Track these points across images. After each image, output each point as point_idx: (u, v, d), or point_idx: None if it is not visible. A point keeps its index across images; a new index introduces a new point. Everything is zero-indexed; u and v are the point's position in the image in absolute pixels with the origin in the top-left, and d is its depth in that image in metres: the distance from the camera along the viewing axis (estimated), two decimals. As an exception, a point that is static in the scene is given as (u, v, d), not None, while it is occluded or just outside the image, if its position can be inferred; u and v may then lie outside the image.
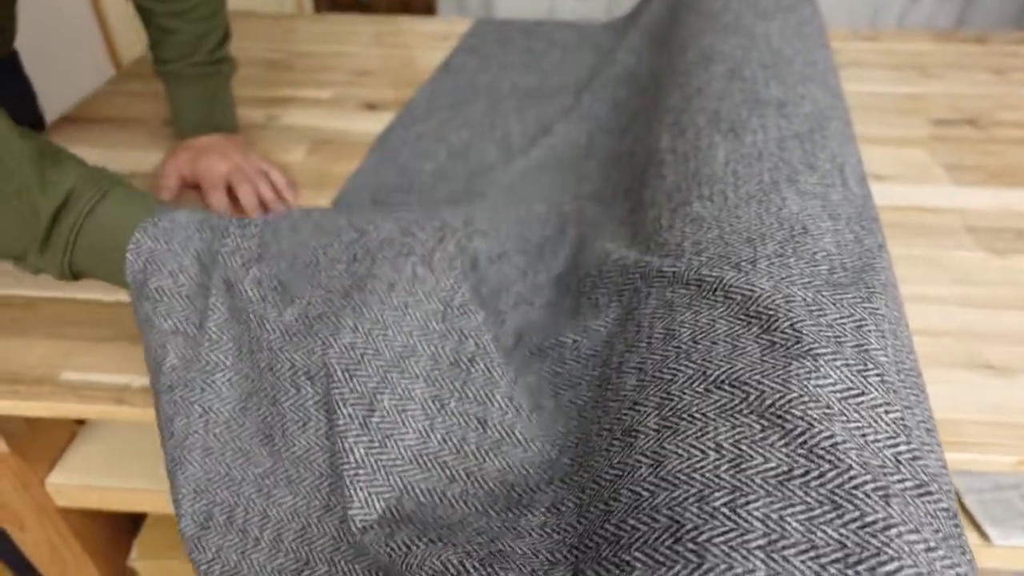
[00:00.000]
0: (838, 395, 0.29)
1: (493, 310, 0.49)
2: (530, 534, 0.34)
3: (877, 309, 0.34)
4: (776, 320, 0.33)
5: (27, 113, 0.79)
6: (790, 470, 0.27)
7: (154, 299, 0.45)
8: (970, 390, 0.51)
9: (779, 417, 0.28)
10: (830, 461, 0.27)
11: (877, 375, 0.30)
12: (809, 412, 0.28)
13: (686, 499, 0.27)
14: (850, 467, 0.26)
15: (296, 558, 0.38)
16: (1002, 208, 0.70)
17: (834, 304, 0.33)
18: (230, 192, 0.69)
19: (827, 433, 0.27)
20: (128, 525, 0.76)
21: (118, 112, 0.85)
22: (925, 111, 0.88)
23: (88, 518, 0.70)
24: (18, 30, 0.75)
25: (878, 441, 0.28)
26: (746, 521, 0.25)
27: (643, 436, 0.31)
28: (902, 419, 0.29)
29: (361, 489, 0.37)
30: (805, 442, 0.27)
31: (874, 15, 2.02)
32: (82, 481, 0.64)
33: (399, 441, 0.39)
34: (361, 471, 0.38)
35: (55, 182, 0.46)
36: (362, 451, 0.38)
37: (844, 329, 0.32)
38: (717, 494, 0.27)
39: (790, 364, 0.30)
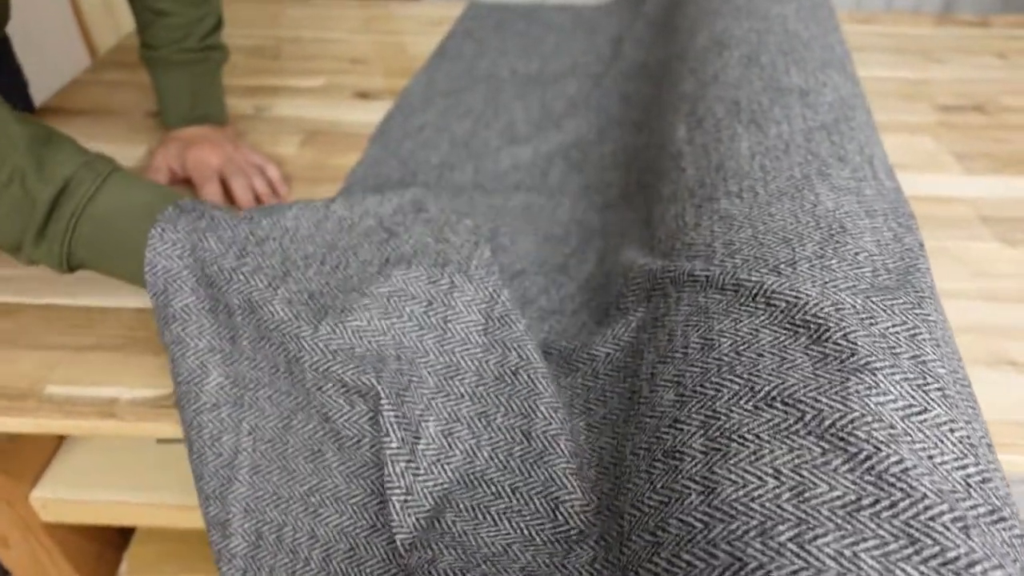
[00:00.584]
0: (900, 413, 0.27)
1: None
2: (580, 572, 0.32)
3: (928, 316, 0.32)
4: (827, 330, 0.30)
5: (19, 100, 0.75)
6: (858, 499, 0.25)
7: (182, 319, 0.45)
8: (994, 389, 0.49)
9: (841, 439, 0.26)
10: (902, 489, 0.25)
11: (938, 389, 0.28)
12: (874, 434, 0.26)
13: (747, 532, 0.25)
14: (924, 495, 0.24)
15: None
16: (1015, 197, 0.69)
17: (885, 311, 0.31)
18: (223, 185, 0.65)
19: (895, 457, 0.25)
20: (116, 539, 0.73)
21: (96, 103, 0.81)
22: (930, 97, 0.87)
23: (75, 533, 0.67)
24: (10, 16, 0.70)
25: (946, 463, 0.26)
26: (817, 559, 0.23)
27: (689, 459, 0.29)
28: (968, 437, 0.27)
29: (409, 514, 0.37)
30: (872, 467, 0.25)
31: (862, -1, 2.00)
32: (68, 495, 0.61)
33: (446, 465, 0.39)
34: (410, 498, 0.37)
35: (53, 168, 0.44)
36: (411, 478, 0.38)
37: (899, 339, 0.30)
38: (781, 527, 0.24)
39: (848, 379, 0.28)
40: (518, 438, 0.39)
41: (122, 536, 0.73)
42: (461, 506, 0.36)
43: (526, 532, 0.35)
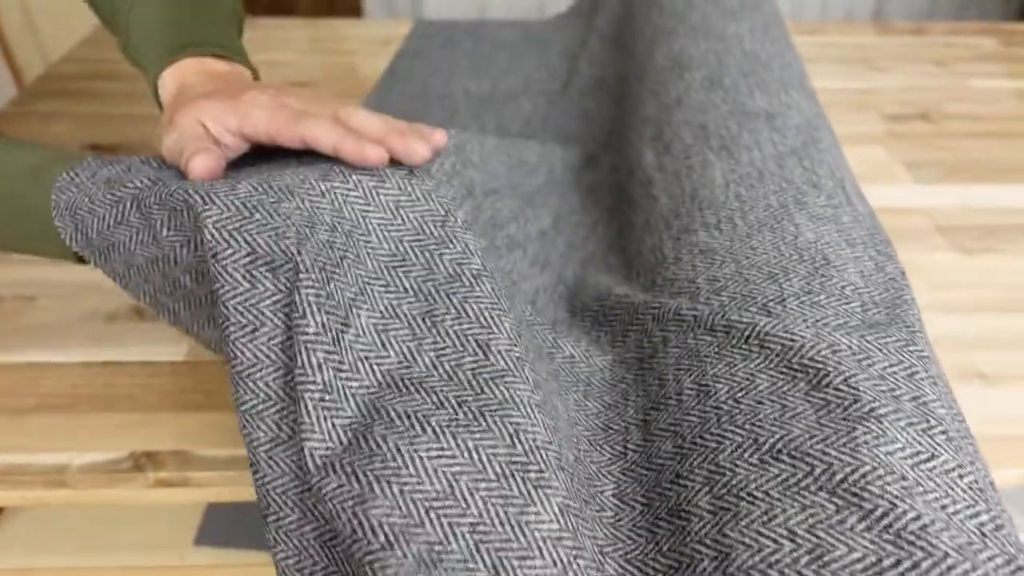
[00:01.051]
0: (910, 462, 0.26)
1: (492, 246, 0.43)
2: (541, 546, 0.27)
3: (922, 352, 0.32)
4: (826, 375, 0.30)
5: None
6: (879, 560, 0.24)
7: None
8: (966, 403, 0.50)
9: (855, 495, 0.25)
10: (922, 548, 0.24)
11: (942, 432, 0.28)
12: (888, 488, 0.25)
13: (768, 604, 0.24)
14: (946, 554, 0.24)
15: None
16: (965, 205, 0.70)
17: (881, 351, 0.31)
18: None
19: (913, 513, 0.25)
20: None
21: (28, 136, 0.76)
22: (877, 106, 0.89)
23: (23, 601, 0.62)
24: None
25: (958, 512, 0.26)
26: (844, 631, 0.22)
27: (696, 519, 0.28)
28: (976, 482, 0.27)
29: (326, 419, 0.30)
30: (890, 525, 0.25)
31: (797, 7, 2.06)
32: (15, 564, 0.56)
33: (376, 364, 0.32)
34: (327, 396, 0.30)
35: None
36: (331, 372, 0.31)
37: (897, 380, 0.30)
38: (804, 598, 0.23)
39: (854, 429, 0.27)
40: (471, 348, 0.32)
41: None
42: (392, 414, 0.30)
43: (476, 457, 0.29)
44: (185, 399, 0.49)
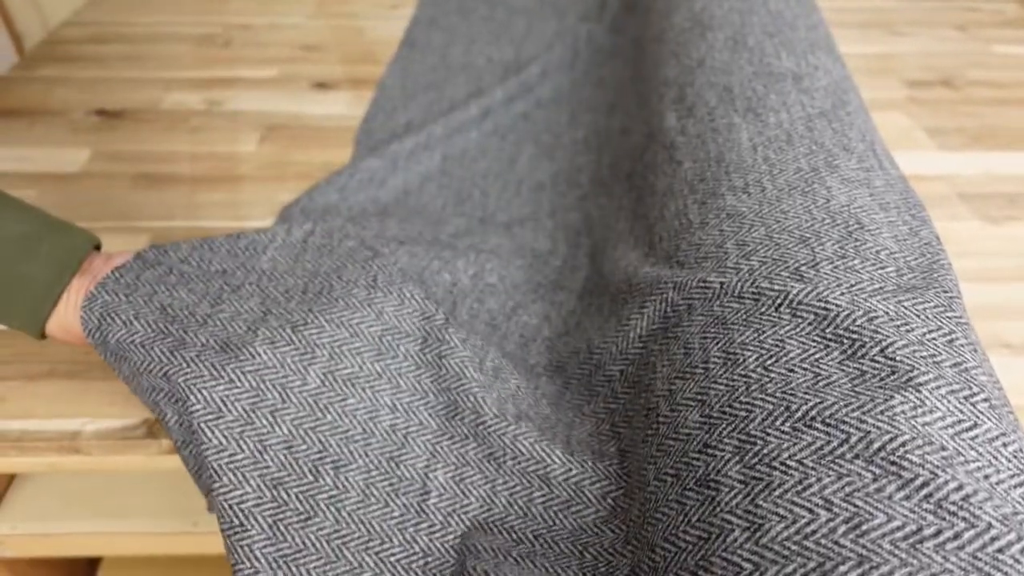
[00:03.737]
0: (951, 431, 0.26)
1: (525, 366, 0.45)
2: None
3: (961, 318, 0.31)
4: (862, 345, 0.29)
5: None
6: (919, 529, 0.23)
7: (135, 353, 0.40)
8: (992, 372, 0.49)
9: (893, 463, 0.24)
10: (964, 518, 0.23)
11: (984, 400, 0.27)
12: (928, 458, 0.24)
13: (806, 575, 0.23)
14: (989, 525, 0.23)
15: None
16: (989, 173, 0.69)
17: (919, 316, 0.30)
18: None
19: (955, 484, 0.24)
20: (83, 567, 0.69)
21: (30, 103, 0.75)
22: (898, 71, 0.86)
23: (39, 566, 0.63)
24: None
25: (1002, 482, 0.25)
26: (886, 603, 0.21)
27: (726, 488, 0.27)
28: (1021, 450, 0.26)
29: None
30: (931, 495, 0.24)
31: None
32: (28, 529, 0.56)
33: (463, 515, 0.36)
34: (430, 558, 0.35)
35: None
36: (425, 540, 0.35)
37: (937, 346, 0.29)
38: (842, 568, 0.23)
39: (892, 397, 0.26)
40: (536, 484, 0.37)
41: (89, 565, 0.69)
42: (480, 547, 0.34)
43: (551, 570, 0.33)
44: (197, 366, 0.48)
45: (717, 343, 0.33)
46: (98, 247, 0.44)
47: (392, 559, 0.35)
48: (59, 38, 0.87)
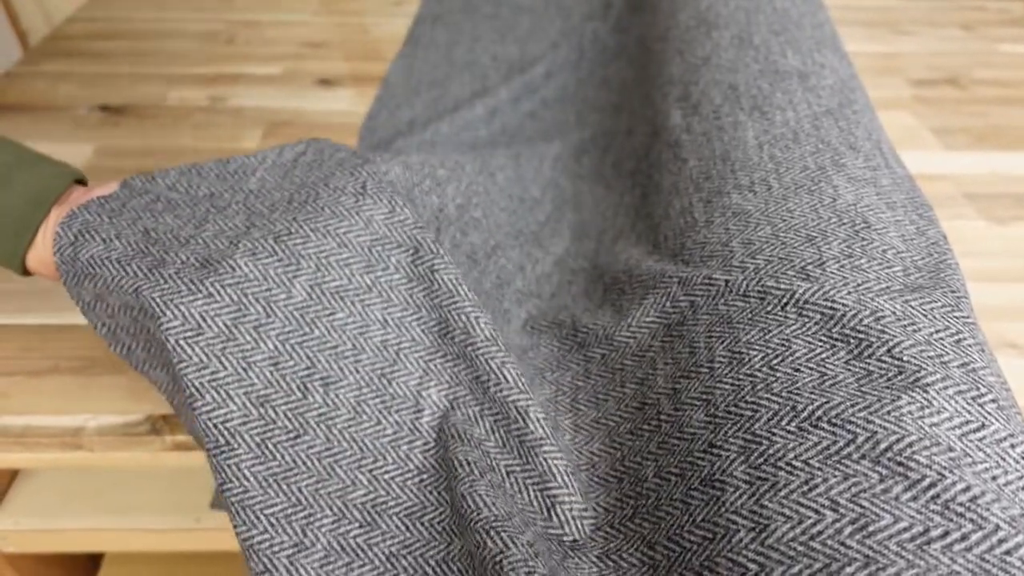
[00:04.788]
0: (958, 432, 0.25)
1: (499, 309, 0.44)
2: None
3: (968, 318, 0.30)
4: (868, 345, 0.28)
5: None
6: (926, 531, 0.23)
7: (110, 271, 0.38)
8: (997, 373, 0.48)
9: (900, 464, 0.24)
10: (972, 520, 0.23)
11: (992, 400, 0.27)
12: (935, 459, 0.24)
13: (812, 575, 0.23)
14: (997, 527, 0.23)
15: None
16: (996, 173, 0.68)
17: (926, 316, 0.30)
18: None
19: (962, 485, 0.24)
20: (86, 563, 0.69)
21: (35, 98, 0.75)
22: (903, 71, 0.86)
23: (41, 562, 0.63)
24: None
25: (1010, 483, 0.24)
26: (893, 604, 0.21)
27: (731, 489, 0.27)
28: (1028, 452, 0.26)
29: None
30: (938, 496, 0.24)
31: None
32: (31, 525, 0.56)
33: (445, 425, 0.36)
34: (425, 476, 0.35)
35: None
36: (419, 457, 0.35)
37: (944, 346, 0.28)
38: (849, 569, 0.22)
39: (899, 398, 0.26)
40: (514, 415, 0.35)
41: (91, 561, 0.69)
42: (458, 462, 0.33)
43: (516, 520, 0.32)
44: (200, 363, 0.48)
45: (723, 342, 0.32)
46: (81, 181, 0.43)
47: (386, 477, 0.35)
48: (63, 34, 0.87)
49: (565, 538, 0.32)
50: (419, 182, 0.44)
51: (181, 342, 0.34)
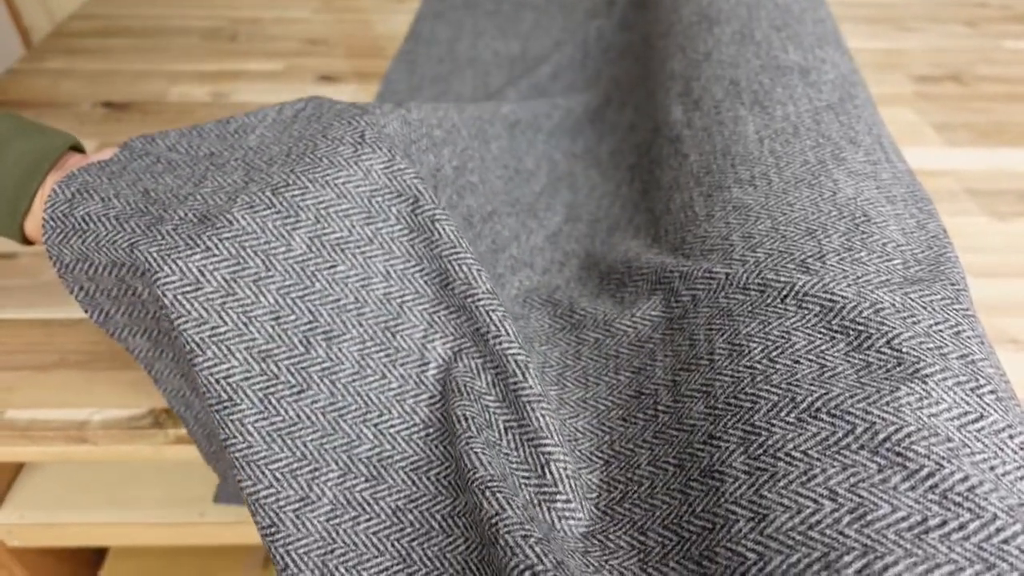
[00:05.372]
0: (956, 423, 0.26)
1: (493, 274, 0.44)
2: (573, 557, 0.29)
3: (968, 311, 0.31)
4: (868, 337, 0.29)
5: None
6: (924, 520, 0.23)
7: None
8: (998, 368, 0.48)
9: (898, 455, 0.24)
10: (970, 509, 0.23)
11: (991, 392, 0.27)
12: (933, 449, 0.24)
13: (810, 566, 0.23)
14: (995, 516, 0.23)
15: None
16: (998, 169, 0.68)
17: (925, 308, 0.30)
18: None
19: (960, 475, 0.24)
20: (89, 557, 0.69)
21: (38, 94, 0.75)
22: (905, 67, 0.86)
23: (45, 556, 0.63)
24: None
25: (1008, 473, 0.25)
26: (891, 592, 0.21)
27: (731, 479, 0.27)
28: (1026, 443, 0.26)
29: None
30: (936, 486, 0.24)
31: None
32: (35, 519, 0.57)
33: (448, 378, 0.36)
34: (431, 429, 0.35)
35: None
36: (425, 411, 0.35)
37: (943, 338, 0.29)
38: (847, 557, 0.23)
39: (897, 389, 0.26)
40: (512, 369, 0.35)
41: (95, 555, 0.70)
42: (457, 417, 0.33)
43: (511, 480, 0.32)
44: (203, 357, 0.48)
45: (723, 335, 0.33)
46: (78, 148, 0.43)
47: (392, 431, 0.34)
48: (66, 31, 0.88)
49: (558, 497, 0.32)
50: (416, 139, 0.43)
51: (179, 297, 0.33)
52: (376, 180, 0.38)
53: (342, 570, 0.31)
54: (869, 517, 0.23)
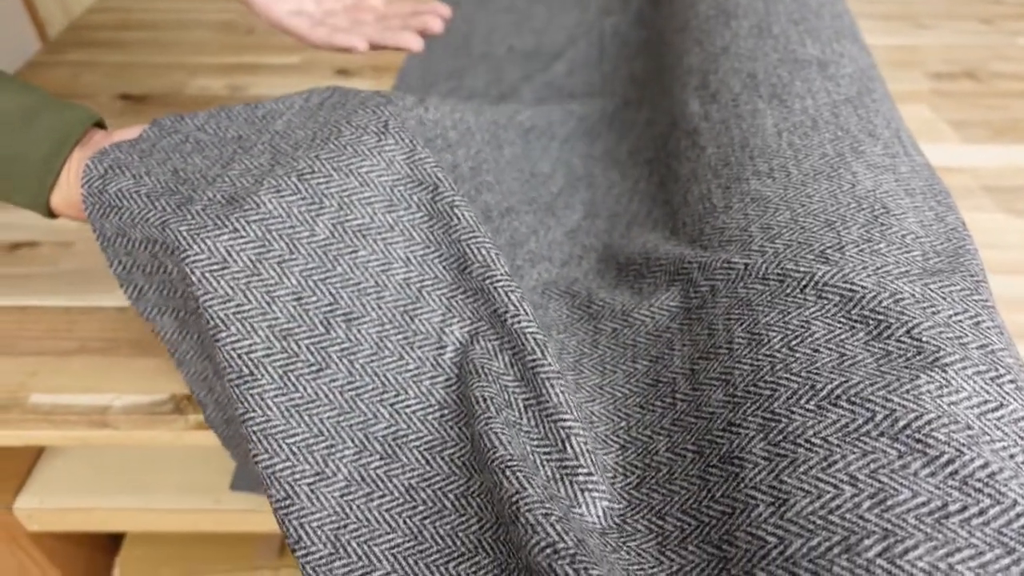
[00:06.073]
0: (976, 411, 0.26)
1: (512, 266, 0.45)
2: (591, 536, 0.30)
3: (987, 302, 0.31)
4: (888, 326, 0.29)
5: None
6: (944, 505, 0.23)
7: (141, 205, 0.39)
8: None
9: (918, 441, 0.25)
10: (990, 495, 0.23)
11: (1011, 381, 0.27)
12: (954, 436, 0.25)
13: (830, 549, 0.23)
14: (1015, 502, 0.23)
15: None
16: (1015, 166, 0.68)
17: (945, 299, 0.30)
18: None
19: (980, 461, 0.24)
20: (106, 543, 0.70)
21: (58, 87, 0.76)
22: (921, 64, 0.86)
23: (63, 540, 0.64)
24: None
25: None
26: (911, 575, 0.22)
27: (751, 465, 0.27)
28: (1046, 432, 0.26)
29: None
30: (956, 472, 0.24)
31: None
32: (54, 504, 0.57)
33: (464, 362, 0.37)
34: (446, 411, 0.36)
35: None
36: (441, 392, 0.35)
37: (963, 328, 0.29)
38: (867, 541, 0.23)
39: (917, 377, 0.26)
40: (530, 347, 0.35)
41: (112, 540, 0.70)
42: (475, 398, 0.34)
43: (533, 459, 0.33)
44: (222, 345, 0.49)
45: (741, 324, 0.33)
46: (100, 125, 0.44)
47: (408, 411, 0.35)
48: (85, 23, 0.89)
49: (580, 470, 0.32)
50: (431, 139, 0.44)
51: (207, 275, 0.34)
52: (398, 170, 0.39)
53: (354, 545, 0.32)
54: (889, 502, 0.24)
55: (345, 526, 0.32)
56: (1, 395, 0.45)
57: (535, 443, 0.33)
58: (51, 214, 0.42)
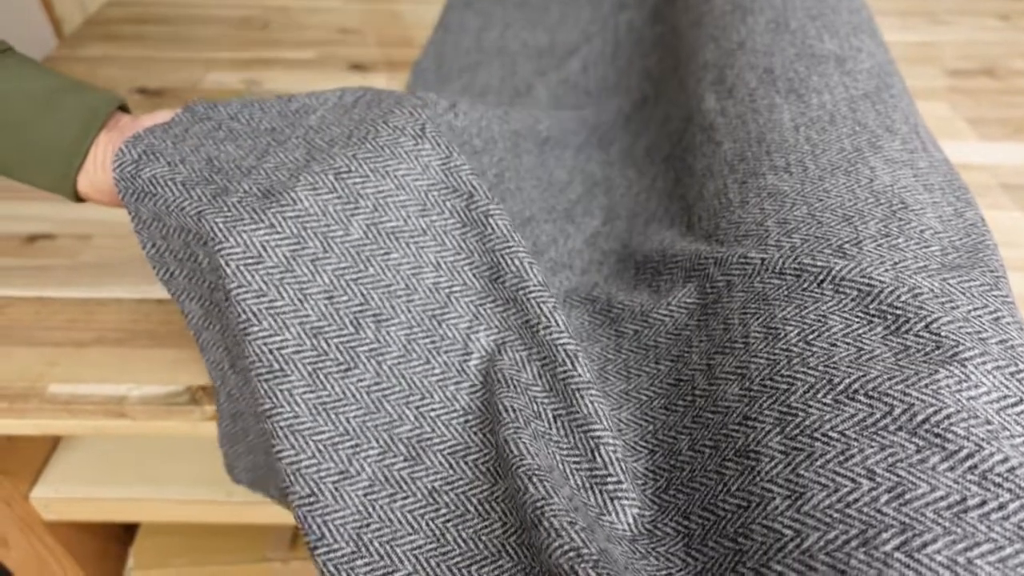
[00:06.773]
0: (995, 405, 0.26)
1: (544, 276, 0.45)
2: (619, 544, 0.30)
3: (1007, 297, 0.30)
4: (906, 321, 0.29)
5: None
6: (963, 499, 0.23)
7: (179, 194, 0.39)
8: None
9: (937, 435, 0.25)
10: (1009, 490, 0.23)
11: (1030, 377, 0.27)
12: (973, 431, 0.24)
13: (847, 542, 0.23)
14: None
15: None
16: (1034, 163, 0.68)
17: (964, 294, 0.30)
18: None
19: (1000, 456, 0.24)
20: (120, 533, 0.71)
21: (76, 79, 0.77)
22: (939, 60, 0.85)
23: (78, 530, 0.65)
24: None
25: None
26: (930, 569, 0.22)
27: (767, 459, 0.27)
28: (1066, 428, 0.26)
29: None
30: (975, 466, 0.24)
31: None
32: (70, 493, 0.58)
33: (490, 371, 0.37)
34: (470, 416, 0.35)
35: None
36: (465, 398, 0.35)
37: (983, 323, 0.29)
38: (885, 535, 0.23)
39: (936, 372, 0.26)
40: (561, 358, 0.36)
41: (126, 530, 0.71)
42: (502, 408, 0.34)
43: (562, 468, 0.33)
44: (238, 337, 0.49)
45: (758, 318, 0.33)
46: (124, 108, 0.43)
47: (432, 414, 0.36)
48: (102, 18, 0.89)
49: (609, 480, 0.32)
50: (460, 145, 0.44)
51: (241, 268, 0.34)
52: (434, 176, 0.39)
53: (376, 544, 0.32)
54: (907, 496, 0.24)
55: (368, 525, 0.32)
56: (20, 385, 0.46)
57: (564, 452, 0.34)
58: (77, 197, 0.41)
